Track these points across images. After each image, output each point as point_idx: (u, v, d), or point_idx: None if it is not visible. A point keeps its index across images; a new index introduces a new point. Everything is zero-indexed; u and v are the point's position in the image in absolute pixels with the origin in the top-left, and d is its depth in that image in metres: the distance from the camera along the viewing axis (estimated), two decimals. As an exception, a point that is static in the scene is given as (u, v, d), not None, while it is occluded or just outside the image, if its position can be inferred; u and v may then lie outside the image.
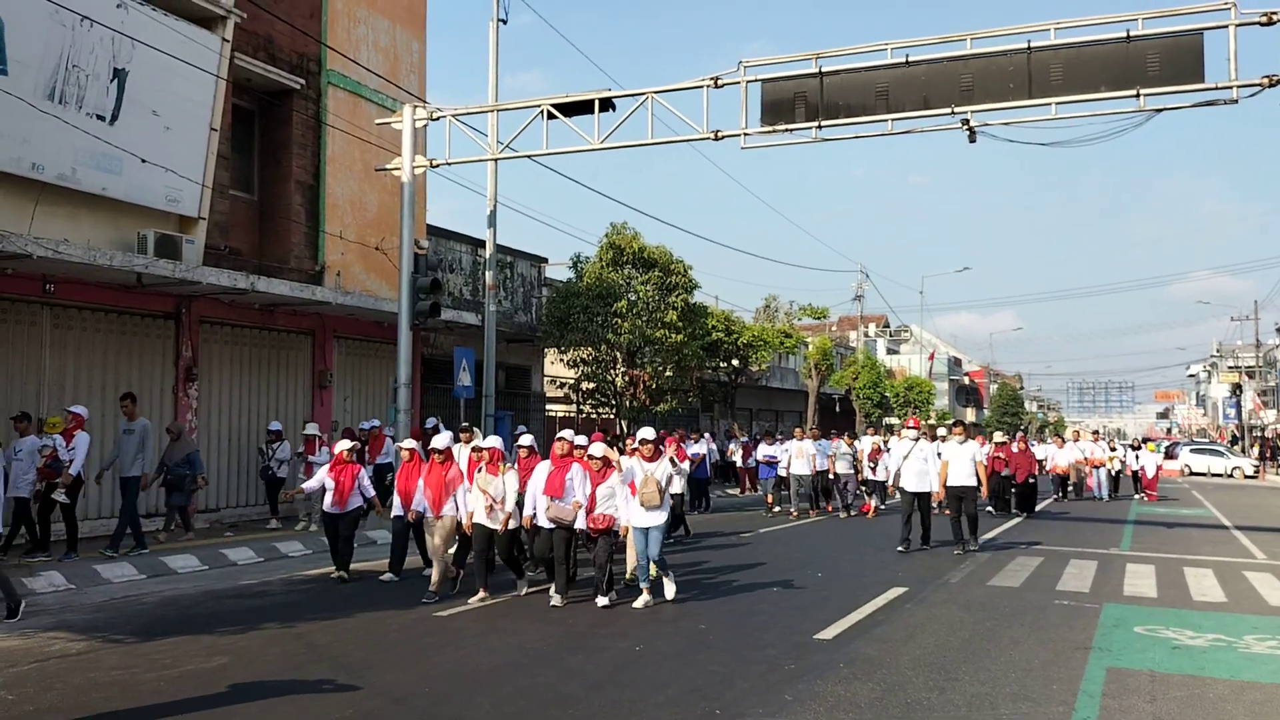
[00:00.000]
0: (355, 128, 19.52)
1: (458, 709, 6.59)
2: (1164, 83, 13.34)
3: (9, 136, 12.97)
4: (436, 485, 11.10)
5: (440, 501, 11.08)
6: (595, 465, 10.52)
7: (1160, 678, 7.59)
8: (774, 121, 14.91)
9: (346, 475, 11.86)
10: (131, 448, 13.33)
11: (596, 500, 10.42)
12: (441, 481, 11.13)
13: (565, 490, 10.41)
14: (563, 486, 10.43)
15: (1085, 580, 12.38)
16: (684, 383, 27.55)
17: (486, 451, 10.94)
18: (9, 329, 14.08)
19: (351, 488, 11.86)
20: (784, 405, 47.08)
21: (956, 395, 78.75)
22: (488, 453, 10.93)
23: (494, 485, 10.74)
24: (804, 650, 8.34)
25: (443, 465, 11.21)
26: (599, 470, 10.51)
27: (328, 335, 19.47)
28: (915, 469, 15.07)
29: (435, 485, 11.10)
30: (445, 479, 11.15)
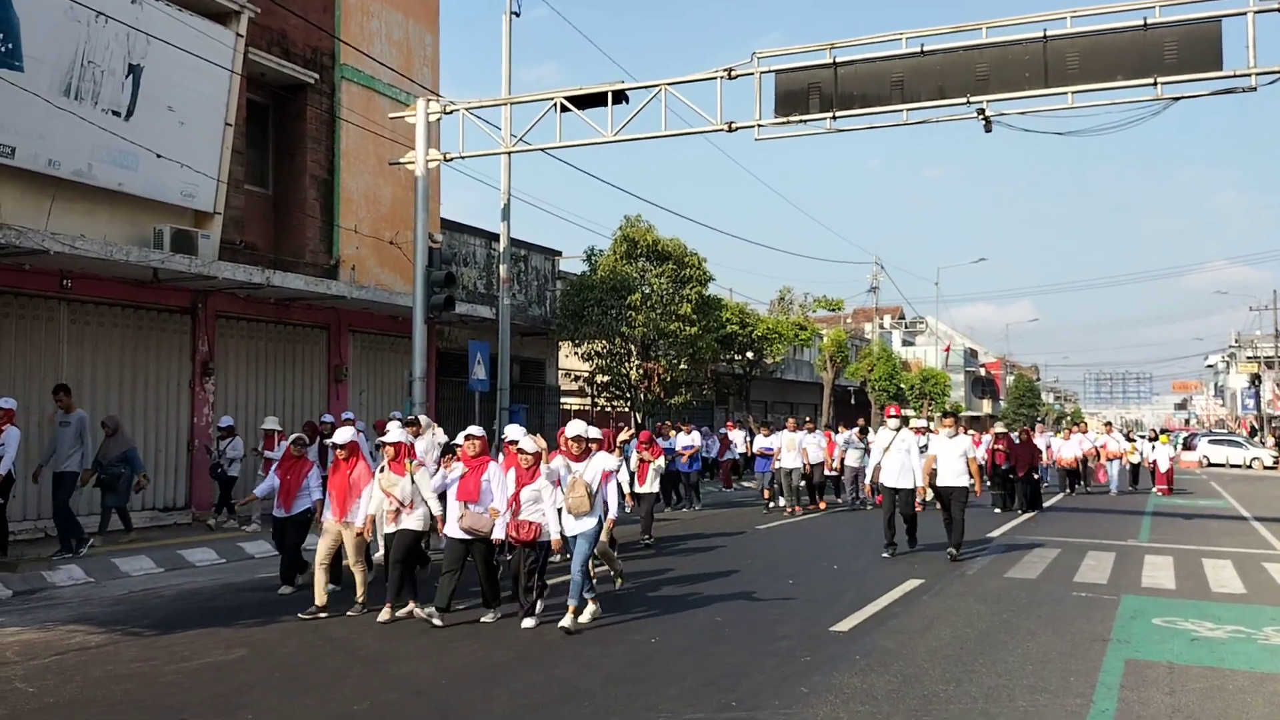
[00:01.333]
0: (369, 122, 19.55)
1: (474, 701, 6.60)
2: (1182, 70, 13.21)
3: (26, 133, 13.03)
4: (340, 487, 9.62)
5: (345, 505, 9.59)
6: (524, 462, 9.04)
7: (1179, 669, 7.54)
8: (788, 112, 14.84)
9: (294, 473, 10.55)
10: (67, 441, 12.60)
11: (521, 504, 8.95)
12: (345, 483, 9.65)
13: (481, 493, 9.10)
14: (478, 489, 9.09)
15: (1103, 572, 12.32)
16: (698, 375, 27.54)
17: (391, 447, 9.54)
18: (27, 324, 14.16)
19: (298, 487, 10.49)
20: (799, 398, 46.98)
21: (972, 387, 78.46)
22: (392, 448, 9.53)
23: (400, 486, 9.36)
24: (820, 642, 8.33)
25: (347, 463, 9.69)
26: (527, 468, 9.01)
27: (343, 329, 19.52)
28: (896, 462, 13.55)
29: (339, 487, 9.62)
30: (350, 479, 9.66)
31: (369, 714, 6.35)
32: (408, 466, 9.39)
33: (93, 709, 6.44)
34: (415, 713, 6.39)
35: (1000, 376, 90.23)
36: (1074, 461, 25.64)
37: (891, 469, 13.53)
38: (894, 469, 13.50)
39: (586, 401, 28.55)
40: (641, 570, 12.37)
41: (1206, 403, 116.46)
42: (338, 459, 9.78)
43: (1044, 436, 27.25)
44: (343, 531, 9.64)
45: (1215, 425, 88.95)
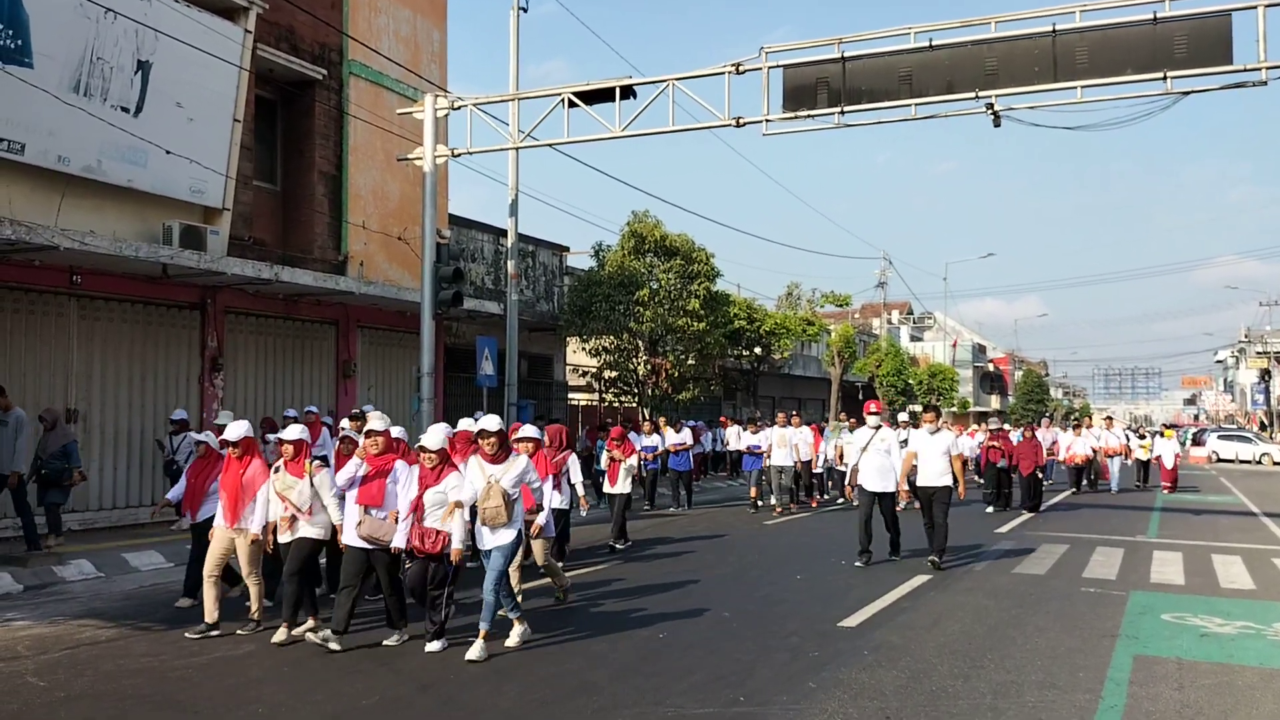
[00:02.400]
0: (377, 118, 19.56)
1: (484, 696, 6.62)
2: (1192, 65, 13.15)
3: (35, 129, 13.07)
4: (231, 488, 8.53)
5: (237, 508, 8.50)
6: (427, 461, 7.94)
7: (1188, 665, 7.53)
8: (796, 107, 14.81)
9: (202, 475, 9.44)
10: (7, 442, 12.25)
11: (424, 509, 7.86)
12: (237, 483, 8.53)
13: (386, 497, 8.01)
14: (382, 492, 8.00)
15: (1112, 568, 12.30)
16: (706, 371, 27.55)
17: (289, 446, 8.46)
18: (37, 320, 14.21)
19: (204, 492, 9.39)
20: (807, 393, 46.95)
21: (981, 382, 78.31)
22: (290, 447, 8.45)
23: (296, 489, 8.30)
24: (828, 638, 8.33)
25: (241, 462, 8.57)
26: (432, 469, 7.92)
27: (351, 325, 19.55)
28: (875, 463, 12.45)
29: (230, 488, 8.54)
30: (243, 480, 8.54)
31: (377, 708, 6.37)
32: (307, 468, 8.34)
33: (104, 703, 6.47)
34: (423, 707, 6.41)
35: (1009, 372, 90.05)
36: (1086, 458, 24.64)
37: (870, 470, 12.51)
38: (873, 470, 12.49)
39: (594, 397, 28.58)
40: (647, 566, 12.40)
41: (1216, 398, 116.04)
42: (229, 457, 8.66)
43: (1051, 432, 26.21)
44: (235, 539, 8.54)
45: (1225, 421, 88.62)
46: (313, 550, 8.46)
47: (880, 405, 13.17)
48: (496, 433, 8.05)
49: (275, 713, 6.26)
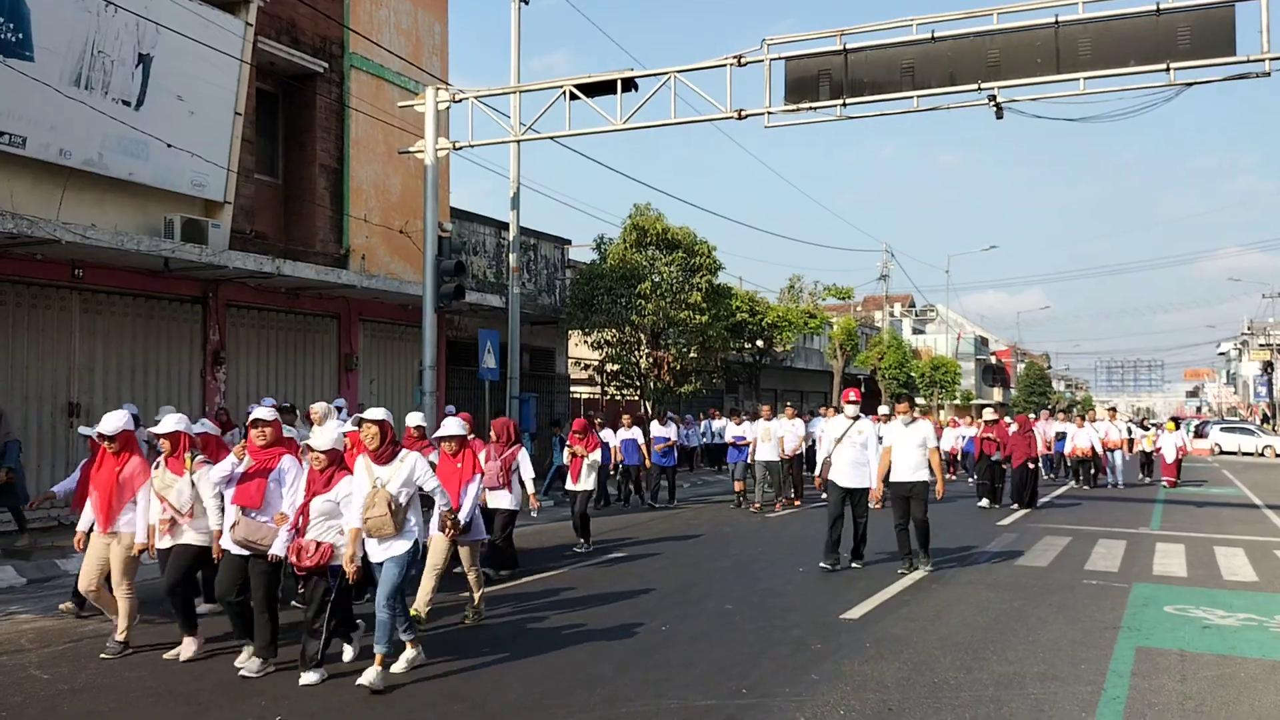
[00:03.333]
0: (378, 111, 19.54)
1: (486, 687, 6.63)
2: (1194, 56, 13.12)
3: (37, 123, 13.06)
4: (105, 487, 7.61)
5: (111, 512, 7.56)
6: (315, 463, 6.92)
7: (1190, 657, 7.53)
8: (798, 100, 14.79)
9: None
10: None
11: (310, 518, 6.86)
12: (113, 482, 7.59)
13: (269, 496, 7.08)
14: (262, 492, 7.07)
15: (1114, 560, 12.30)
16: (708, 364, 27.54)
17: (165, 440, 7.49)
18: (39, 314, 14.21)
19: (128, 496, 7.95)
20: (809, 386, 46.95)
21: (983, 375, 78.26)
22: (166, 441, 7.48)
23: (175, 489, 7.39)
24: (830, 630, 8.34)
25: (117, 459, 7.62)
26: (321, 471, 6.91)
27: (353, 318, 19.55)
28: (850, 457, 11.50)
29: (103, 487, 7.63)
30: (119, 479, 7.60)
31: (377, 700, 6.38)
32: (187, 463, 7.45)
33: (107, 696, 6.48)
34: (425, 698, 6.42)
35: (1011, 364, 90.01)
36: (1089, 451, 24.09)
37: (844, 464, 11.55)
38: (846, 464, 11.54)
39: (596, 390, 28.59)
40: (648, 560, 12.41)
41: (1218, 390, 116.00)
42: (103, 452, 7.70)
43: (1050, 424, 25.82)
44: (111, 546, 7.62)
45: (1227, 413, 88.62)
46: (195, 558, 7.52)
47: (859, 394, 12.14)
48: (378, 424, 6.93)
49: (278, 704, 6.27)
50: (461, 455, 8.67)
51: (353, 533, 6.76)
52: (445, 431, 8.69)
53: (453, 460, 8.69)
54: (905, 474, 11.32)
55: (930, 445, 11.41)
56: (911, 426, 11.44)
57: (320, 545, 6.80)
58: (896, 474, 11.33)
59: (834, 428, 11.87)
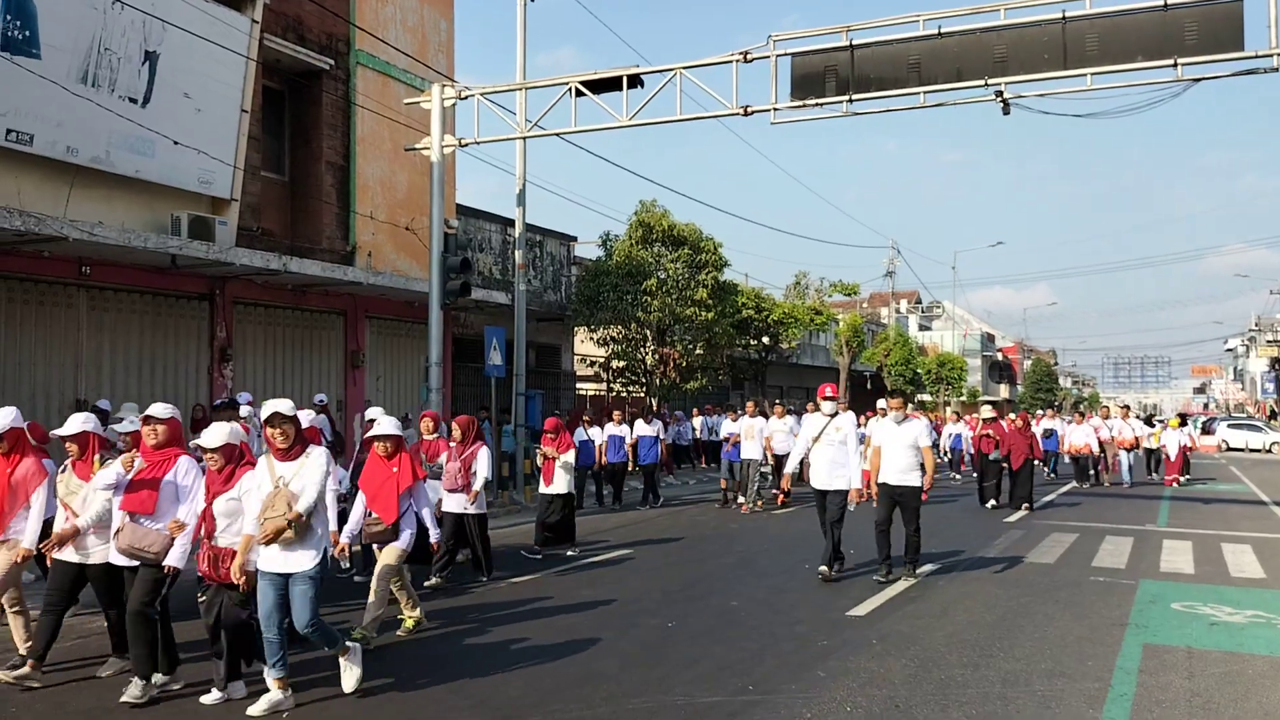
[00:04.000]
0: (384, 108, 19.55)
1: (491, 685, 6.64)
2: (1202, 51, 13.07)
3: (44, 120, 13.09)
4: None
5: (3, 517, 6.98)
6: (212, 462, 6.34)
7: (1198, 654, 7.52)
8: (804, 96, 14.76)
9: None
10: None
11: (215, 522, 6.27)
12: (4, 485, 6.96)
13: (162, 502, 6.40)
14: (155, 497, 6.39)
15: (1121, 557, 12.28)
16: (714, 360, 27.52)
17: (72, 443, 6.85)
18: (47, 311, 14.25)
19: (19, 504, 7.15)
20: (815, 382, 46.75)
21: (989, 371, 78.17)
22: (74, 444, 6.84)
23: (80, 496, 6.73)
24: (836, 627, 8.33)
25: (8, 459, 7.02)
26: (220, 471, 6.34)
27: (360, 315, 19.57)
28: (827, 457, 10.59)
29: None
30: (9, 481, 6.98)
31: (384, 695, 6.39)
32: (95, 466, 6.76)
33: (118, 692, 6.48)
34: (433, 694, 6.43)
35: (1018, 361, 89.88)
36: (1086, 448, 23.15)
37: (821, 464, 10.64)
38: (824, 464, 10.62)
39: (602, 387, 28.59)
40: (653, 556, 12.41)
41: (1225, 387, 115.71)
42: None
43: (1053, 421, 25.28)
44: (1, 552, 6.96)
45: (1234, 409, 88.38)
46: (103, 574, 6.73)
47: (836, 389, 11.15)
48: (290, 419, 6.20)
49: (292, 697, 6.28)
50: (398, 458, 7.84)
51: (245, 539, 6.10)
52: (378, 430, 7.85)
53: (386, 464, 7.80)
54: (895, 476, 10.45)
55: (923, 445, 10.53)
56: (904, 425, 10.55)
57: (226, 551, 6.22)
58: (886, 475, 10.49)
59: (811, 425, 10.94)
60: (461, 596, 9.68)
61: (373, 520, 7.81)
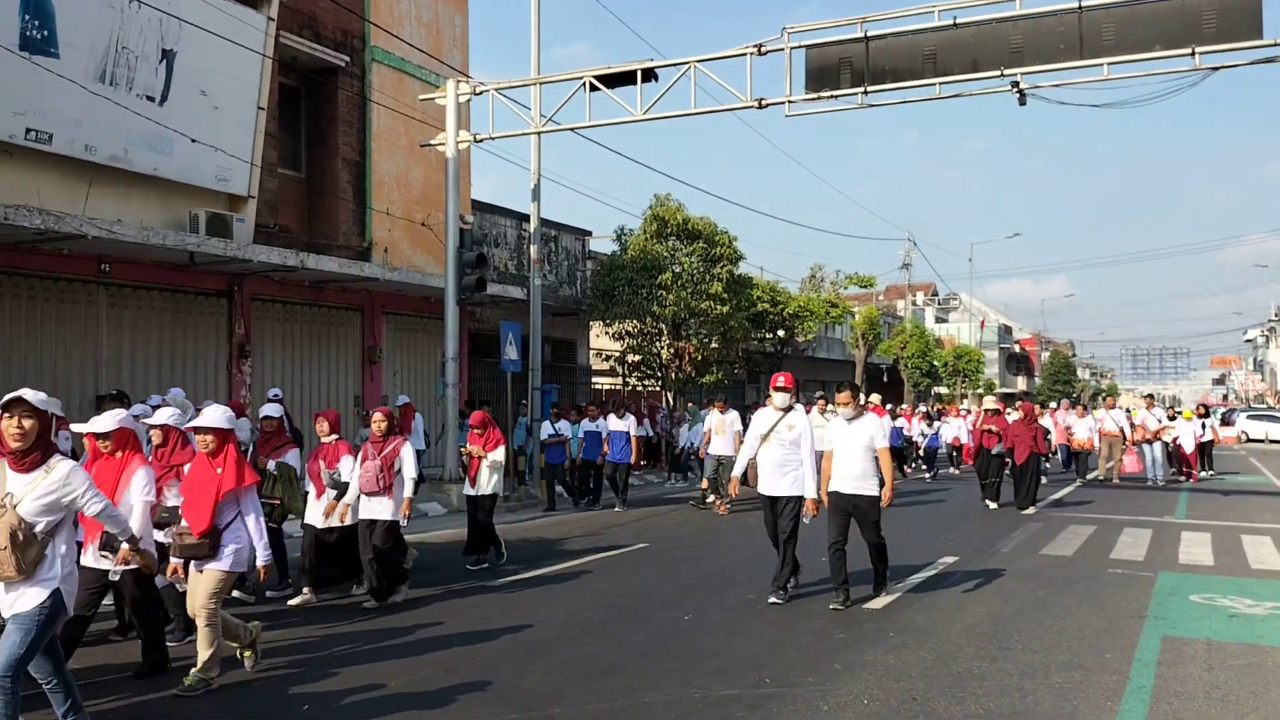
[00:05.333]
0: (399, 104, 19.61)
1: (509, 678, 6.67)
2: (1220, 40, 12.99)
3: (62, 119, 13.19)
4: None
5: None
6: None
7: (1217, 646, 7.48)
8: (819, 88, 14.74)
9: None
10: None
11: None
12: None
13: None
14: None
15: (1139, 549, 12.22)
16: (729, 354, 27.52)
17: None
18: (66, 309, 14.36)
19: None
20: (831, 375, 46.78)
21: (1007, 364, 77.85)
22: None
23: None
24: (853, 619, 8.33)
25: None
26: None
27: (376, 311, 19.65)
28: (776, 458, 9.01)
29: None
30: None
31: (403, 689, 6.43)
32: None
33: (140, 681, 6.54)
34: (450, 688, 6.46)
35: (1035, 353, 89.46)
36: (1088, 443, 21.97)
37: (768, 466, 9.09)
38: (771, 466, 9.06)
39: (618, 381, 28.62)
40: (669, 549, 12.43)
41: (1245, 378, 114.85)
42: None
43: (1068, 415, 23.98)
44: None
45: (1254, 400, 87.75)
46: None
47: (790, 379, 9.39)
48: (35, 412, 4.80)
49: (304, 695, 6.33)
50: (223, 456, 6.39)
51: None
52: (200, 421, 6.61)
53: (209, 464, 6.48)
54: (847, 483, 8.81)
55: (879, 446, 8.88)
56: (855, 424, 8.87)
57: None
58: (836, 483, 8.87)
59: (759, 422, 9.27)
60: (474, 594, 9.73)
61: (184, 530, 6.41)
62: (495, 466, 11.01)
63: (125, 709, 6.10)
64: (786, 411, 9.13)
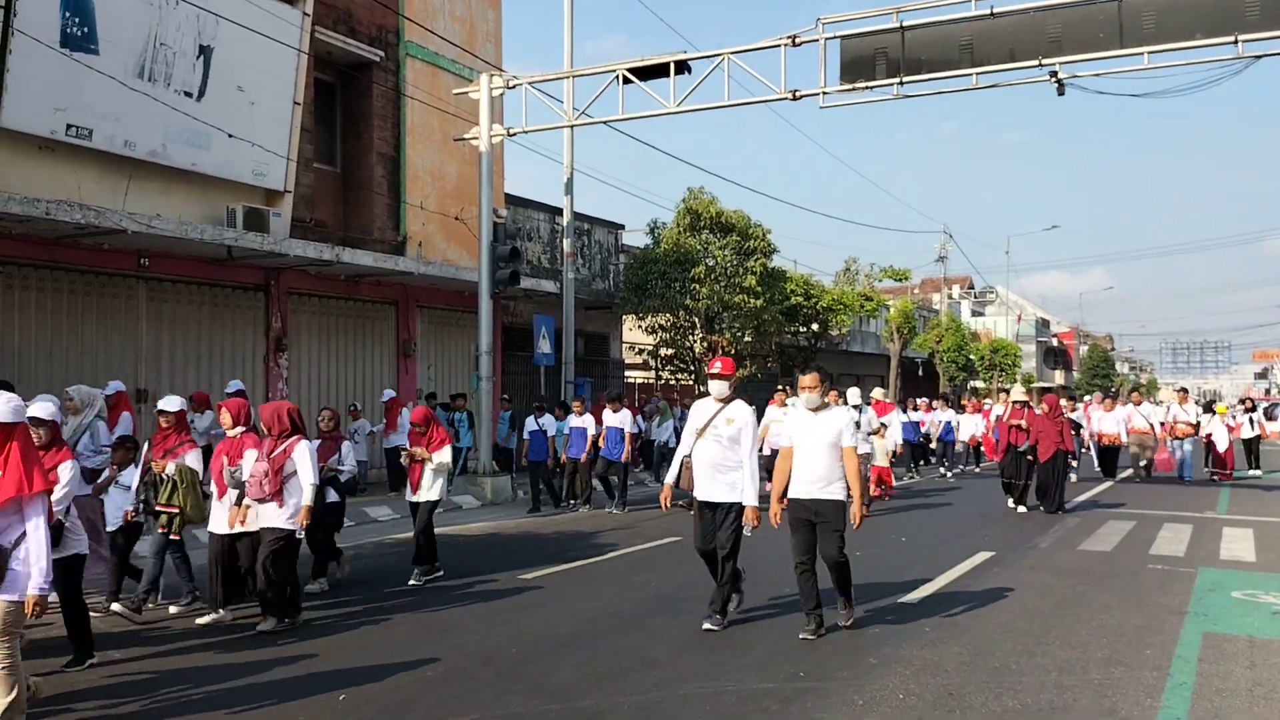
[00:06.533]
0: (433, 98, 19.69)
1: (544, 669, 6.68)
2: (1264, 27, 12.76)
3: (102, 115, 13.36)
4: None
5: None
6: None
7: (1260, 643, 7.36)
8: (854, 79, 14.64)
9: None
10: None
11: None
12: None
13: None
14: None
15: (1180, 544, 12.06)
16: (763, 348, 27.43)
17: None
18: (107, 302, 14.56)
19: None
20: (865, 369, 46.56)
21: (1045, 358, 77.08)
22: None
23: None
24: (888, 614, 8.28)
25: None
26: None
27: (411, 305, 19.76)
28: (712, 458, 7.71)
29: None
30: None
31: (441, 679, 6.46)
32: None
33: (167, 672, 6.62)
34: (485, 679, 6.49)
35: (1073, 347, 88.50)
36: (1115, 438, 20.50)
37: (704, 467, 7.76)
38: (706, 467, 7.74)
39: (651, 374, 28.62)
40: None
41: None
42: None
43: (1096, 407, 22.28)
44: None
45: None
46: None
47: (730, 365, 8.11)
48: None
49: (342, 682, 6.37)
50: (6, 453, 5.16)
51: None
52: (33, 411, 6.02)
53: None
54: (810, 487, 7.44)
55: (847, 445, 7.48)
56: (821, 416, 7.54)
57: None
58: (797, 487, 7.49)
59: (696, 414, 7.97)
60: (509, 585, 9.76)
61: None
62: (440, 470, 9.81)
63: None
64: (726, 403, 7.81)
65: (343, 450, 9.41)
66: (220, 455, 8.00)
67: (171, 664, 6.86)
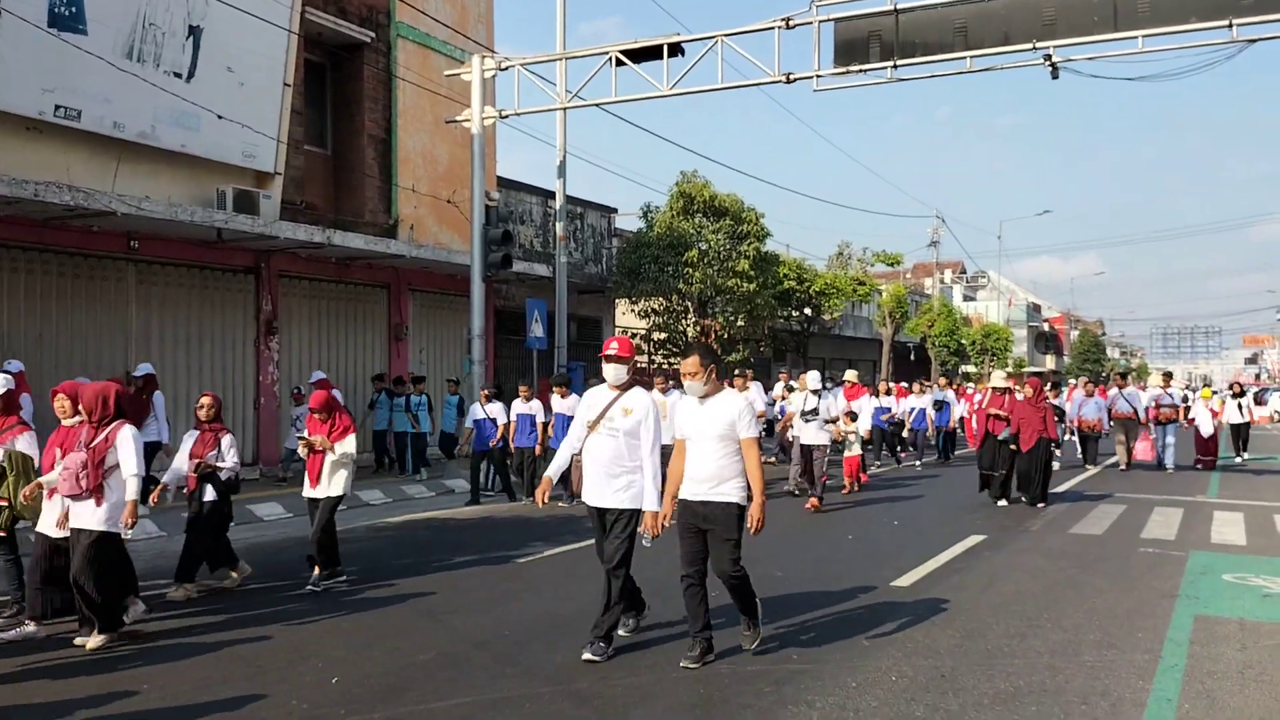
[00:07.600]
0: (425, 80, 19.57)
1: (538, 653, 6.68)
2: (1258, 11, 12.74)
3: (91, 96, 13.25)
4: None
5: None
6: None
7: (1250, 626, 7.40)
8: (847, 62, 14.58)
9: None
10: None
11: None
12: None
13: None
14: None
15: (1171, 528, 12.10)
16: (756, 332, 27.43)
17: None
18: (96, 285, 14.47)
19: None
20: (857, 354, 46.59)
21: (1036, 342, 77.23)
22: None
23: None
24: (881, 597, 8.29)
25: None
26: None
27: (403, 288, 19.69)
28: (605, 454, 6.57)
29: None
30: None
31: (434, 664, 6.45)
32: None
33: (169, 657, 6.60)
34: (479, 663, 6.48)
35: (1064, 331, 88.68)
36: (1098, 424, 19.82)
37: (594, 467, 6.63)
38: (598, 467, 6.60)
39: (644, 359, 28.62)
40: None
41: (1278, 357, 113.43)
42: None
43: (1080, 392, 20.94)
44: None
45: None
46: None
47: (627, 345, 6.85)
48: None
49: (334, 667, 6.37)
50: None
51: None
52: None
53: None
54: (698, 488, 6.37)
55: (745, 436, 6.32)
56: (710, 404, 6.38)
57: None
58: (686, 487, 6.45)
59: (588, 404, 6.82)
60: (501, 569, 9.76)
61: None
62: (343, 461, 8.69)
63: None
64: (623, 390, 6.67)
65: (223, 444, 8.51)
66: (54, 446, 7.04)
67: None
